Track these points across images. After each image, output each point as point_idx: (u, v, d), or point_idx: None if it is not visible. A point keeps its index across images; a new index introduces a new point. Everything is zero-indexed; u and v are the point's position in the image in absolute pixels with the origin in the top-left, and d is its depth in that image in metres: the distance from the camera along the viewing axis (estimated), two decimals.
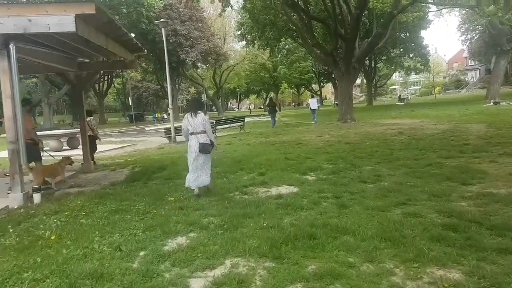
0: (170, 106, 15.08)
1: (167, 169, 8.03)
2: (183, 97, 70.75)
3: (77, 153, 12.14)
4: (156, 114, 43.54)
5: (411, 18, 29.58)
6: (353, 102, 22.63)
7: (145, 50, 9.28)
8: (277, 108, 22.15)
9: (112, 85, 53.87)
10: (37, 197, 5.63)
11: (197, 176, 5.34)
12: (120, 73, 43.66)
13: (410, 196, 4.80)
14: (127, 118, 43.43)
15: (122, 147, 14.56)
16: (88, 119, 9.79)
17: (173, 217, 4.36)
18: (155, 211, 4.67)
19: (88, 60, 8.81)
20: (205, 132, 5.42)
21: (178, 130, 15.04)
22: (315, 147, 10.23)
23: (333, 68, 20.77)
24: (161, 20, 13.92)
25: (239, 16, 33.14)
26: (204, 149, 5.32)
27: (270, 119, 21.35)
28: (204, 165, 5.39)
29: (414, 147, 9.13)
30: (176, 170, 7.75)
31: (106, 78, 43.79)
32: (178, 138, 14.79)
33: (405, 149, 8.90)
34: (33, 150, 6.80)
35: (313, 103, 21.48)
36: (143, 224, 4.17)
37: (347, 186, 5.49)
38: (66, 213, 4.75)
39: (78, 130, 15.73)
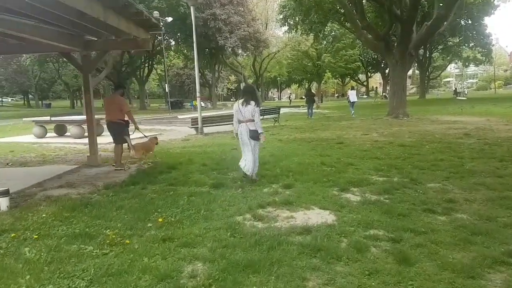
0: (198, 94, 13.73)
1: (177, 168, 6.72)
2: (223, 85, 70.07)
3: (101, 141, 11.34)
4: (193, 101, 42.88)
5: (479, 0, 25.83)
6: None
7: (162, 27, 7.98)
8: (315, 99, 21.66)
9: (154, 71, 54.25)
10: (3, 203, 4.52)
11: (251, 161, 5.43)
12: (162, 60, 43.40)
13: (509, 245, 3.05)
14: (167, 105, 43.27)
15: (146, 136, 13.54)
16: None
17: (145, 258, 2.97)
18: (127, 241, 3.31)
19: (95, 39, 7.67)
20: (253, 120, 5.39)
21: (205, 120, 13.81)
22: (360, 149, 8.44)
23: (385, 55, 18.39)
24: None
25: None
26: (254, 136, 5.39)
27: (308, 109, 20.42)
28: (253, 152, 5.43)
29: (489, 156, 7.10)
30: (187, 171, 6.42)
31: (147, 64, 43.80)
32: (206, 130, 13.57)
33: (478, 159, 6.90)
34: (125, 130, 7.15)
35: (353, 95, 20.50)
36: (96, 267, 2.82)
37: (407, 219, 3.79)
38: (13, 234, 3.53)
39: (101, 116, 15.12)
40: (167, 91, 31.87)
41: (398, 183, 5.24)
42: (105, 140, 11.63)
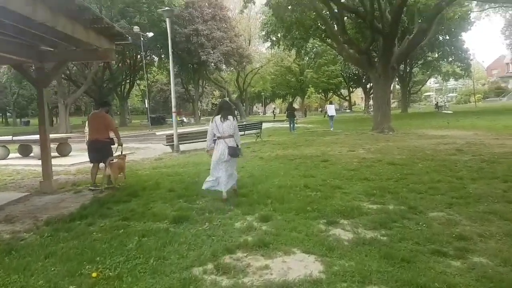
0: (173, 109, 12.82)
1: (139, 196, 5.79)
2: (208, 100, 69.22)
3: (66, 161, 10.31)
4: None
5: (459, 14, 26.15)
6: None
7: (129, 37, 7.15)
8: (295, 114, 22.11)
9: (137, 87, 52.92)
10: None
11: (227, 179, 5.27)
12: (144, 75, 42.36)
13: None
14: (148, 121, 41.99)
15: (118, 155, 12.52)
16: None
17: None
18: None
19: (52, 49, 6.76)
20: (232, 136, 5.34)
21: (183, 137, 12.91)
22: (347, 167, 7.68)
23: (367, 69, 18.05)
24: (166, 8, 11.76)
25: (264, 16, 30.98)
26: (234, 152, 5.28)
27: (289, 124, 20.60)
28: (229, 168, 5.31)
29: (491, 176, 6.39)
30: (149, 200, 5.50)
31: (128, 80, 42.65)
32: (183, 147, 12.65)
33: (479, 179, 6.18)
34: (110, 148, 6.90)
35: (331, 109, 20.74)
36: None
37: (413, 267, 2.96)
38: None
39: (69, 135, 14.01)
40: (147, 106, 30.77)
41: (395, 212, 4.44)
42: (71, 160, 10.60)
